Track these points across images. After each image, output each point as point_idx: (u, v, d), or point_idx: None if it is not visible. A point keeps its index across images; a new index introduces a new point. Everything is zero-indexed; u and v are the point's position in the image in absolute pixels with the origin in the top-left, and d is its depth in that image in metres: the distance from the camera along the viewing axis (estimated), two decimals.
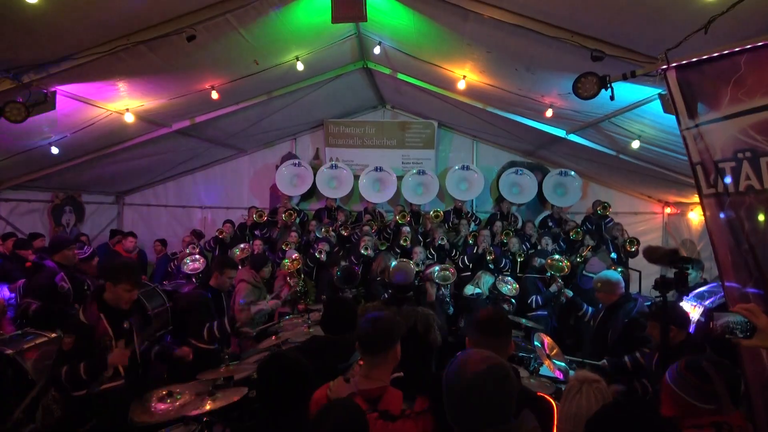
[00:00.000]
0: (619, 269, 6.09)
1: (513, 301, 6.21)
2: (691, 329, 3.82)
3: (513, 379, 1.61)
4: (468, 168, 8.84)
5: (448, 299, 6.20)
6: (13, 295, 5.06)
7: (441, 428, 1.92)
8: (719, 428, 2.03)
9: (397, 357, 2.18)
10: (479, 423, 1.55)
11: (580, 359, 4.36)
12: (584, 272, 5.99)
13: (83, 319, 3.29)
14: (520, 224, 8.44)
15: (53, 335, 3.96)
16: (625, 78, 3.42)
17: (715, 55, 2.44)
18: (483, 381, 1.55)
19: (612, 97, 3.58)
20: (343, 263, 6.58)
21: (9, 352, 3.64)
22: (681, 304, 4.49)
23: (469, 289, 6.31)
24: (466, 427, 1.58)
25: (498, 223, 8.04)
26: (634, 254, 7.25)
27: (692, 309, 4.43)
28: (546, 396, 2.06)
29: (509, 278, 6.44)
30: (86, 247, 6.25)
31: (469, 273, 6.91)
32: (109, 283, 3.37)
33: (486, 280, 6.32)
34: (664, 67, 2.63)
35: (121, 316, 3.41)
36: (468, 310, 6.05)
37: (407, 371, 2.28)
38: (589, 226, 7.91)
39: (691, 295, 4.70)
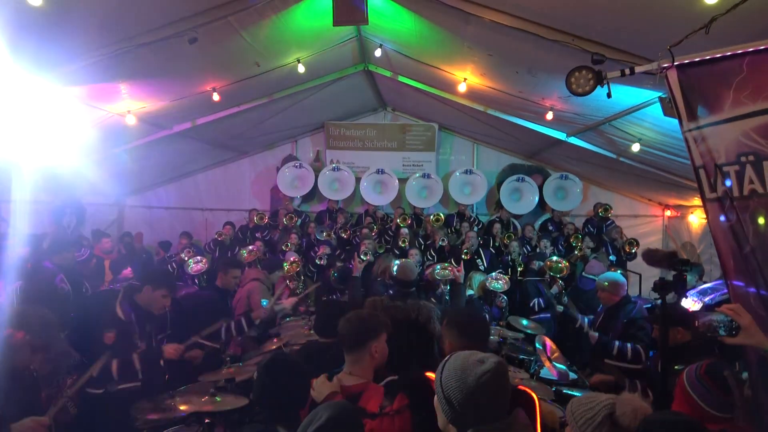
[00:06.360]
0: (619, 271, 6.07)
1: (505, 297, 6.17)
2: None
3: (509, 377, 1.69)
4: (471, 172, 8.85)
5: (447, 297, 6.17)
6: None
7: (418, 426, 1.98)
8: None
9: (376, 354, 2.22)
10: (482, 419, 1.58)
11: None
12: (584, 274, 5.99)
13: (120, 315, 3.33)
14: (518, 230, 8.43)
15: None
16: (623, 74, 3.28)
17: (718, 56, 2.39)
18: (491, 379, 1.58)
19: (609, 95, 3.41)
20: (339, 264, 6.57)
21: None
22: (683, 300, 4.52)
23: None
24: (468, 424, 1.60)
25: (497, 226, 8.03)
26: (633, 256, 7.25)
27: (693, 305, 4.45)
28: (528, 390, 2.07)
29: (494, 274, 6.29)
30: (83, 249, 6.24)
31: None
32: (149, 286, 3.44)
33: (476, 279, 6.29)
34: (666, 65, 2.58)
35: (145, 319, 3.47)
36: None
37: (407, 362, 2.31)
38: (591, 228, 7.92)
39: (694, 291, 4.72)
